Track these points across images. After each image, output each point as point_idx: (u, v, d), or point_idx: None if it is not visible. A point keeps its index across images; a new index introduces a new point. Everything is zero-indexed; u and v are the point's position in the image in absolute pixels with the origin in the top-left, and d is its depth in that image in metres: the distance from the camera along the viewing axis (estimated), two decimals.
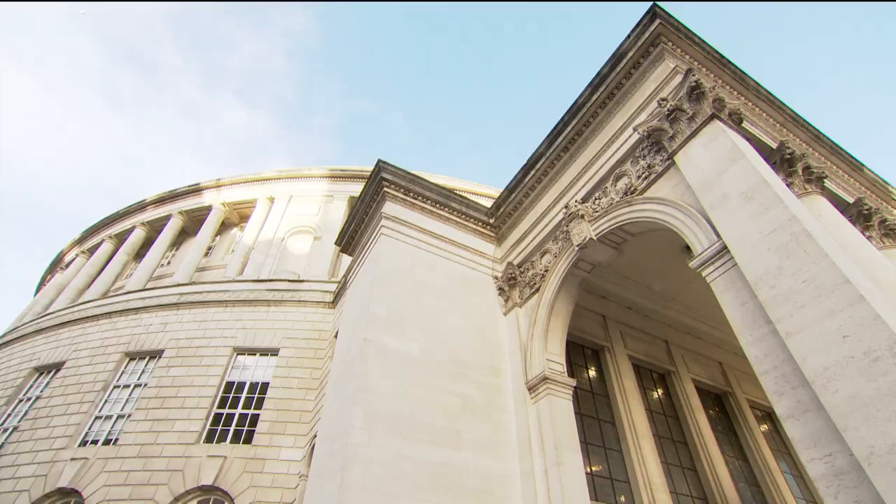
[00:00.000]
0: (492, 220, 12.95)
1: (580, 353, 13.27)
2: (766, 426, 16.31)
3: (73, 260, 25.64)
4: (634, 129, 9.19)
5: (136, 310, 16.81)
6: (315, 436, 10.97)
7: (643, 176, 9.08)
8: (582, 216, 10.03)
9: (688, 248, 10.77)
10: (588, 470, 10.26)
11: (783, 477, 14.42)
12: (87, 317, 17.28)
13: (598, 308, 14.07)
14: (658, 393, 14.27)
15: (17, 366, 16.86)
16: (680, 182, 8.22)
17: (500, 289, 11.96)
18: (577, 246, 9.96)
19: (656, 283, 14.32)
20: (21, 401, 15.82)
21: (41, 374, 16.46)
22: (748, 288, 6.58)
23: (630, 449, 11.56)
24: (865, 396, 5.04)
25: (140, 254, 23.23)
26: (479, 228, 12.94)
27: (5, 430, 14.97)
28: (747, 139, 8.38)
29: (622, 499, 10.74)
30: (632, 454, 11.46)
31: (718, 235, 7.10)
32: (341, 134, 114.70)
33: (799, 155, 9.42)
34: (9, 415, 15.47)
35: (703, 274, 7.33)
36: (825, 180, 9.73)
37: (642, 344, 14.55)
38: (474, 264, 12.28)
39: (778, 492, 13.79)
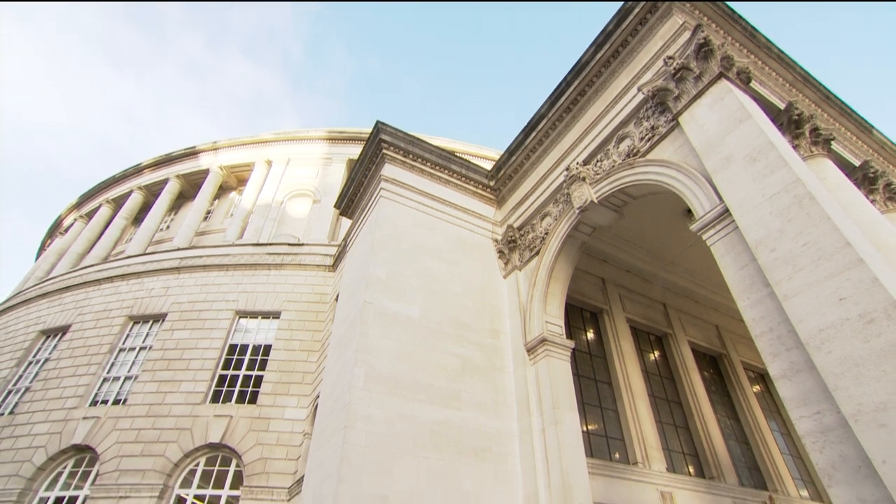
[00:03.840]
0: (492, 183, 12.82)
1: (579, 315, 13.43)
2: (758, 387, 16.72)
3: (71, 225, 25.60)
4: (639, 90, 8.94)
5: (138, 274, 16.91)
6: (318, 396, 11.27)
7: (646, 138, 8.90)
8: (583, 179, 9.91)
9: (689, 211, 10.75)
10: (584, 428, 10.59)
11: (772, 435, 14.91)
12: (90, 281, 17.41)
13: (597, 271, 14.14)
14: (655, 355, 14.54)
15: (24, 329, 17.13)
16: (683, 144, 8.08)
17: (500, 252, 11.98)
18: (578, 209, 9.89)
19: (656, 246, 14.34)
20: (31, 363, 16.17)
21: (48, 337, 16.75)
22: (748, 251, 6.58)
23: (626, 408, 11.89)
24: (857, 357, 5.13)
25: (138, 218, 23.16)
26: (479, 191, 12.82)
27: (18, 390, 15.38)
28: (755, 99, 8.16)
29: (616, 455, 11.13)
30: (627, 413, 11.80)
31: (720, 198, 7.04)
32: (350, 95, 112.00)
33: (807, 116, 9.20)
34: (20, 376, 15.86)
35: (704, 237, 7.30)
36: (832, 142, 9.54)
37: (641, 307, 14.71)
38: (474, 227, 12.25)
39: (766, 449, 14.29)
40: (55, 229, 27.48)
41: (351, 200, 13.02)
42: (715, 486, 11.81)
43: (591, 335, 13.36)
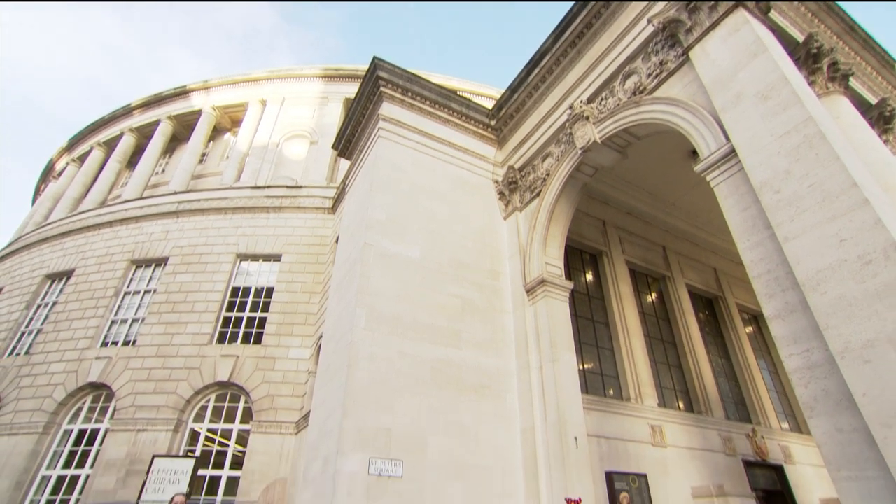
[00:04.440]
0: (493, 122, 12.44)
1: (578, 257, 13.51)
2: (750, 328, 17.14)
3: (64, 168, 25.19)
4: (649, 21, 8.44)
5: (137, 218, 16.86)
6: (321, 336, 11.58)
7: (654, 74, 8.52)
8: (587, 118, 9.59)
9: (694, 152, 10.51)
10: (581, 367, 10.96)
11: (760, 373, 15.47)
12: (89, 226, 17.39)
13: (598, 213, 14.07)
14: (652, 297, 14.78)
15: (30, 273, 17.33)
16: (693, 81, 7.75)
17: (501, 193, 11.84)
18: (581, 149, 9.66)
19: (658, 188, 14.17)
20: (40, 306, 16.50)
21: (53, 281, 16.97)
22: (752, 193, 6.50)
23: (621, 348, 12.25)
24: (851, 297, 5.21)
25: (132, 161, 22.74)
26: (479, 131, 12.48)
27: (31, 332, 15.81)
28: (772, 31, 7.70)
29: (611, 392, 11.61)
30: (623, 353, 12.17)
31: (727, 138, 6.85)
32: (346, 31, 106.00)
33: (827, 50, 8.72)
34: (31, 318, 16.24)
35: (708, 178, 7.18)
36: (850, 78, 9.11)
37: (640, 249, 14.77)
38: (475, 168, 12.04)
39: (753, 386, 14.88)
40: (48, 173, 27.08)
41: (349, 141, 12.70)
42: (702, 420, 12.41)
43: (589, 277, 13.51)
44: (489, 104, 13.12)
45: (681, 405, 12.85)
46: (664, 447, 11.01)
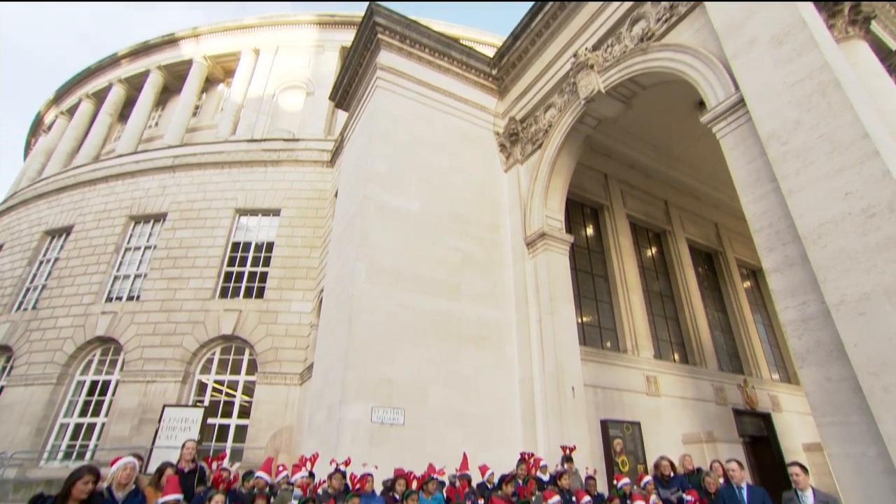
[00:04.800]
0: (494, 72, 12.00)
1: (579, 211, 13.42)
2: (748, 283, 17.28)
3: (53, 122, 24.56)
4: None
5: (133, 174, 16.62)
6: (322, 290, 11.69)
7: (663, 19, 8.11)
8: (591, 66, 9.23)
9: (701, 103, 10.18)
10: (579, 320, 11.12)
11: (755, 326, 15.74)
12: (85, 181, 17.17)
13: (600, 166, 13.85)
14: (652, 251, 14.80)
15: (28, 230, 17.29)
16: (704, 26, 7.40)
17: (502, 145, 11.60)
18: (584, 99, 9.37)
19: (662, 141, 13.87)
20: (42, 262, 16.56)
21: (53, 237, 16.95)
22: (759, 144, 6.35)
23: (620, 301, 12.39)
24: (851, 250, 5.21)
25: (124, 114, 22.15)
26: (480, 80, 12.06)
27: (35, 287, 15.96)
28: None
29: (608, 344, 11.85)
30: (621, 306, 12.33)
31: (737, 87, 6.62)
32: None
33: None
34: (34, 274, 16.35)
35: (714, 129, 7.00)
36: (871, 22, 8.67)
37: (641, 203, 14.65)
38: (475, 119, 11.74)
39: (748, 338, 15.18)
40: (37, 127, 26.44)
41: (346, 91, 12.31)
42: (696, 371, 12.75)
43: (590, 231, 13.48)
44: (491, 53, 12.60)
45: (676, 357, 13.16)
46: (658, 397, 11.37)
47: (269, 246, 14.84)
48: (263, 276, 14.35)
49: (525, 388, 8.89)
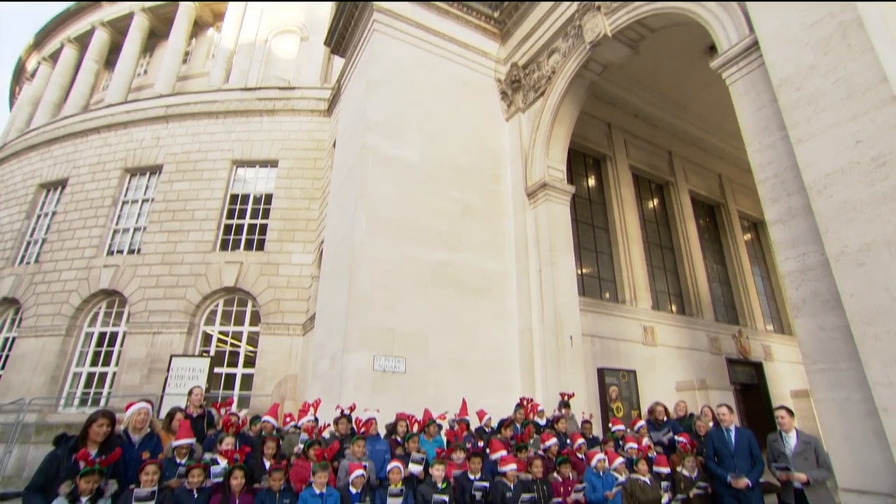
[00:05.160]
0: (496, 14, 11.42)
1: (581, 161, 13.20)
2: (749, 235, 17.28)
3: (36, 69, 23.62)
4: None
5: (125, 124, 16.20)
6: (322, 242, 11.69)
7: None
8: (598, 8, 8.78)
9: (711, 48, 9.74)
10: (579, 271, 11.20)
11: (753, 279, 15.90)
12: (76, 132, 16.77)
13: (604, 115, 13.49)
14: (654, 203, 14.69)
15: (23, 182, 17.07)
16: None
17: (503, 93, 11.24)
18: (590, 44, 8.97)
19: (669, 88, 13.43)
20: (39, 216, 16.48)
21: (48, 190, 16.77)
22: (769, 91, 6.15)
23: (620, 252, 12.44)
24: (856, 201, 5.16)
25: (110, 62, 21.27)
26: (482, 24, 11.51)
27: (36, 241, 15.97)
28: None
29: (607, 295, 12.00)
30: (621, 257, 12.38)
31: (751, 29, 6.32)
32: None
33: None
34: (33, 228, 16.32)
35: (724, 75, 6.75)
36: None
37: (645, 154, 14.40)
38: (476, 65, 11.30)
39: (745, 290, 15.37)
40: (20, 74, 25.46)
41: (342, 36, 11.77)
42: (692, 322, 13.00)
43: (592, 181, 13.32)
44: None
45: (673, 308, 13.37)
46: (654, 346, 11.65)
47: (268, 198, 14.72)
48: (263, 229, 14.32)
49: (524, 337, 9.08)
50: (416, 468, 4.67)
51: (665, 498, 4.95)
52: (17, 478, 7.92)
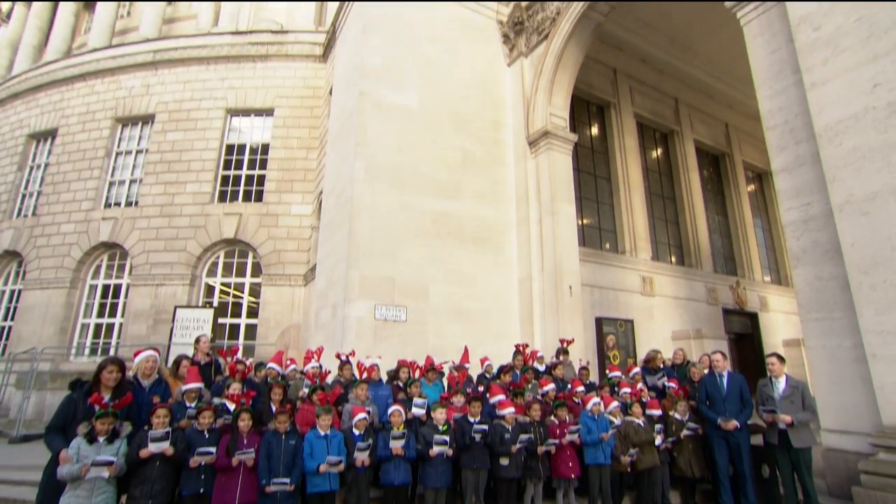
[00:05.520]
0: None
1: (584, 108, 12.83)
2: (752, 186, 17.09)
3: (11, 10, 22.39)
4: None
5: (112, 70, 15.59)
6: (321, 192, 11.58)
7: None
8: None
9: None
10: (580, 222, 11.16)
11: (754, 230, 15.88)
12: (61, 80, 16.17)
13: (609, 61, 12.98)
14: (657, 152, 14.42)
15: (11, 133, 16.65)
16: None
17: (506, 36, 10.75)
18: None
19: (679, 31, 12.84)
20: (32, 168, 16.20)
21: (38, 141, 16.38)
22: (786, 32, 5.90)
23: (621, 203, 12.34)
24: (867, 149, 5.08)
25: (88, 4, 20.14)
26: None
27: (31, 194, 15.79)
28: None
29: (607, 245, 12.02)
30: (622, 207, 12.30)
31: None
32: None
33: None
34: (27, 181, 16.09)
35: (739, 14, 6.44)
36: None
37: (650, 101, 13.98)
38: (478, 6, 10.75)
39: (745, 242, 15.39)
40: None
41: None
42: (691, 273, 13.10)
43: (595, 130, 13.01)
44: None
45: (673, 259, 13.44)
46: (652, 296, 11.80)
47: (265, 148, 14.41)
48: (261, 180, 14.13)
49: (523, 287, 9.18)
50: (417, 411, 4.84)
51: (658, 439, 5.17)
52: (37, 421, 8.30)
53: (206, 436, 3.84)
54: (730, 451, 5.04)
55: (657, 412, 5.41)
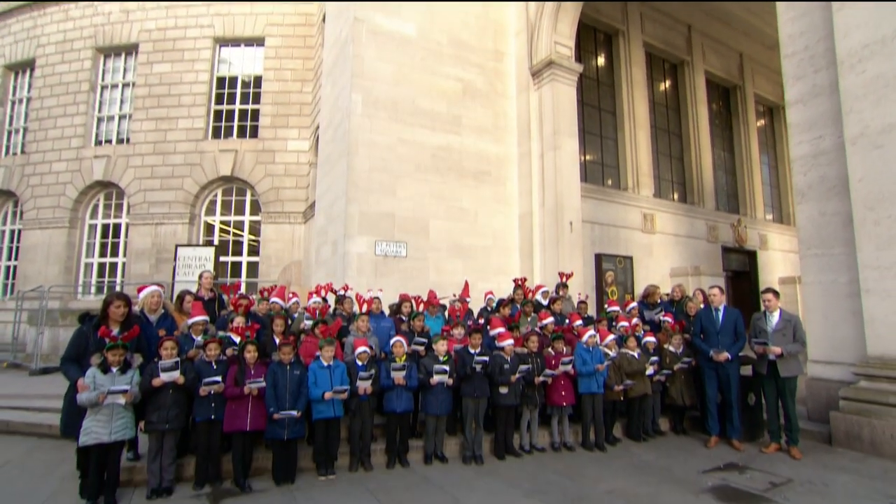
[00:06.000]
0: None
1: (591, 37, 12.14)
2: (762, 122, 16.57)
3: None
4: None
5: None
6: (318, 127, 11.24)
7: None
8: None
9: None
10: (582, 158, 10.91)
11: (760, 167, 15.58)
12: (31, 3, 15.14)
13: None
14: (665, 85, 13.83)
15: None
16: None
17: None
18: None
19: None
20: (14, 102, 15.62)
21: (16, 73, 15.66)
22: None
23: (626, 138, 12.01)
24: (890, 77, 4.95)
25: None
26: None
27: (16, 130, 15.34)
28: None
29: (609, 182, 11.83)
30: (626, 143, 11.99)
31: None
32: None
33: None
34: (11, 116, 15.56)
35: None
36: None
37: (662, 29, 13.21)
38: None
39: (750, 179, 15.16)
40: None
41: None
42: (693, 210, 13.01)
43: (601, 60, 12.39)
44: None
45: (675, 196, 13.30)
46: (653, 234, 11.80)
47: (258, 81, 13.82)
48: (255, 115, 13.68)
49: (524, 223, 9.15)
50: (419, 343, 4.98)
51: (650, 370, 5.35)
52: (53, 355, 8.58)
53: (214, 367, 3.97)
54: (719, 382, 5.24)
55: (651, 339, 5.57)
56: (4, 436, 5.47)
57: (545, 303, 6.45)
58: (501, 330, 4.97)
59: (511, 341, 4.82)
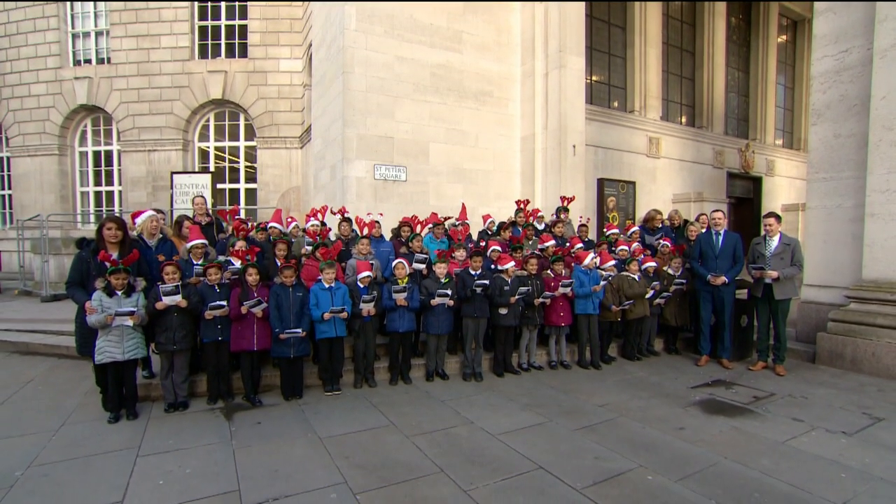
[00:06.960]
0: None
1: None
2: (784, 37, 15.53)
3: None
4: None
5: None
6: (311, 45, 10.56)
7: None
8: None
9: None
10: (588, 79, 10.35)
11: (775, 88, 14.84)
12: None
13: None
14: None
15: None
16: None
17: None
18: None
19: None
20: None
21: None
22: None
23: (635, 56, 11.33)
24: None
25: None
26: None
27: None
28: None
29: (615, 104, 11.32)
30: (635, 61, 11.32)
31: None
32: None
33: None
34: None
35: None
36: None
37: None
38: None
39: (764, 101, 14.51)
40: None
41: None
42: (700, 135, 12.58)
43: None
44: None
45: (683, 119, 12.81)
46: (657, 158, 11.51)
47: None
48: (244, 31, 12.81)
49: (526, 146, 8.87)
50: (419, 265, 5.01)
51: (650, 293, 5.43)
52: (61, 283, 8.69)
53: (218, 290, 4.01)
54: (714, 304, 5.33)
55: (652, 264, 5.61)
56: (26, 356, 5.70)
57: (540, 227, 6.43)
58: (498, 249, 5.02)
59: (512, 263, 4.85)
